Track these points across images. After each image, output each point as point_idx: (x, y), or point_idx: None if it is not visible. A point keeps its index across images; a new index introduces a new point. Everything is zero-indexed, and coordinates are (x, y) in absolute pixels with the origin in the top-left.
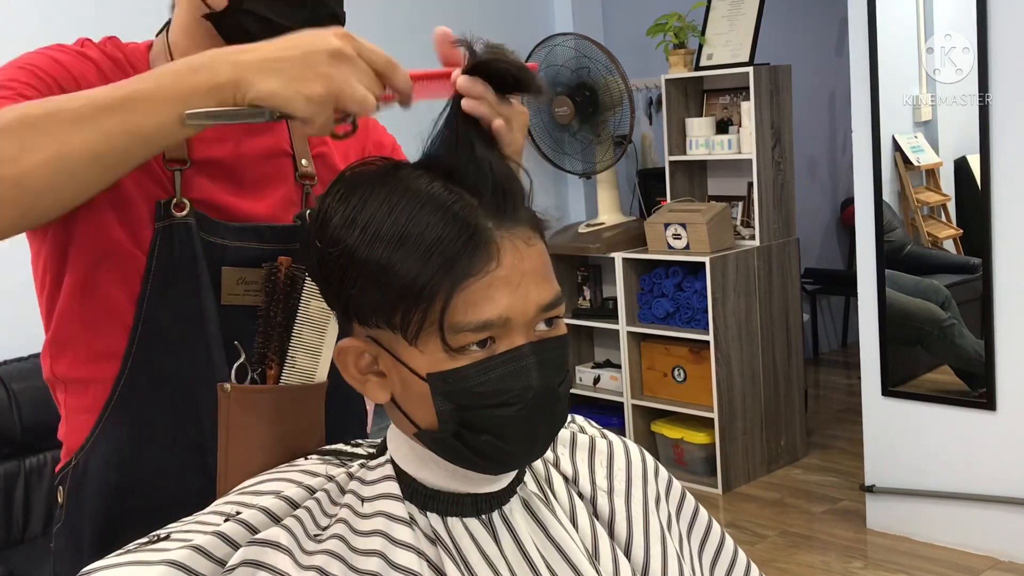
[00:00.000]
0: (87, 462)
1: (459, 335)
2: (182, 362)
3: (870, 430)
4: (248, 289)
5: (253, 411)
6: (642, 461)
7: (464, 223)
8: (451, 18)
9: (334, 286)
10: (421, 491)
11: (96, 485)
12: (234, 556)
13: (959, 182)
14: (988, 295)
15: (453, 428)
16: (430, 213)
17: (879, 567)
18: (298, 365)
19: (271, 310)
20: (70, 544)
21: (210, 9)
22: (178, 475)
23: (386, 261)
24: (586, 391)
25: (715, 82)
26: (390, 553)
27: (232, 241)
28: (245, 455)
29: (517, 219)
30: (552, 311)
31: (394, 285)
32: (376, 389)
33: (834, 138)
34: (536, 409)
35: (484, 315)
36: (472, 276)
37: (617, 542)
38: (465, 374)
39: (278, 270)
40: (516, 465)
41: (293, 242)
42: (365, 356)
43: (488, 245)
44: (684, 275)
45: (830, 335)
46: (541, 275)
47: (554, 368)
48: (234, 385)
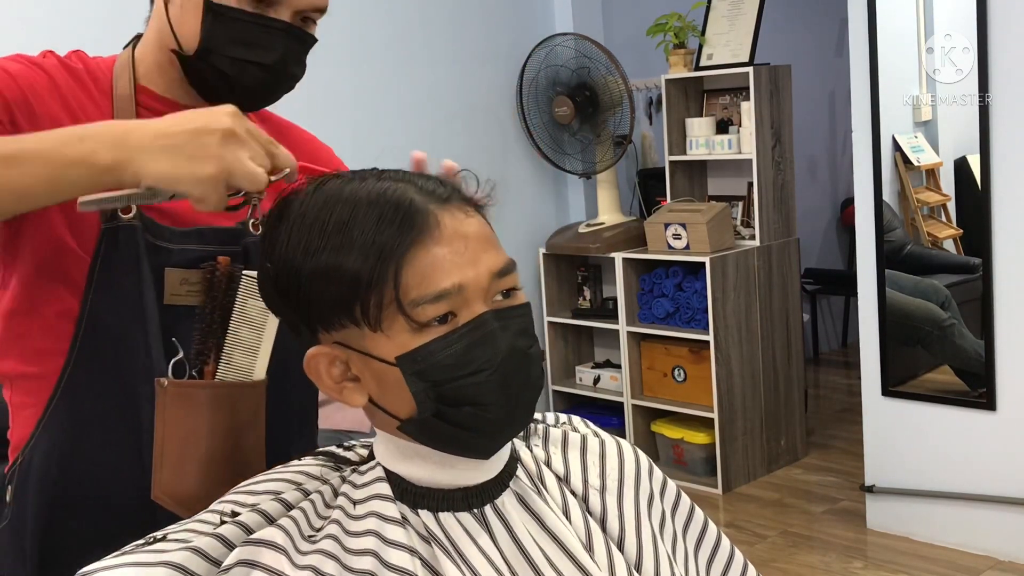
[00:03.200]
0: (32, 457)
1: (418, 309)
2: (123, 359)
3: (870, 430)
4: (191, 289)
5: (189, 406)
6: (635, 460)
7: (398, 203)
8: (451, 18)
9: (293, 300)
10: (411, 490)
11: (39, 479)
12: (230, 556)
13: (959, 182)
14: (988, 295)
15: (432, 407)
16: (366, 205)
17: (879, 567)
18: (234, 362)
19: (209, 309)
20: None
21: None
22: (117, 468)
23: (334, 260)
24: (586, 391)
25: (715, 82)
26: (383, 553)
27: (176, 244)
28: (180, 448)
29: (449, 196)
30: (506, 278)
31: (346, 279)
32: (352, 394)
33: (834, 138)
34: (509, 372)
35: (438, 285)
36: (415, 245)
37: (610, 538)
38: (432, 349)
39: (216, 270)
40: (501, 434)
41: (235, 244)
42: (336, 364)
43: (425, 215)
44: (684, 275)
45: (830, 335)
46: (487, 243)
47: (519, 332)
48: (171, 380)
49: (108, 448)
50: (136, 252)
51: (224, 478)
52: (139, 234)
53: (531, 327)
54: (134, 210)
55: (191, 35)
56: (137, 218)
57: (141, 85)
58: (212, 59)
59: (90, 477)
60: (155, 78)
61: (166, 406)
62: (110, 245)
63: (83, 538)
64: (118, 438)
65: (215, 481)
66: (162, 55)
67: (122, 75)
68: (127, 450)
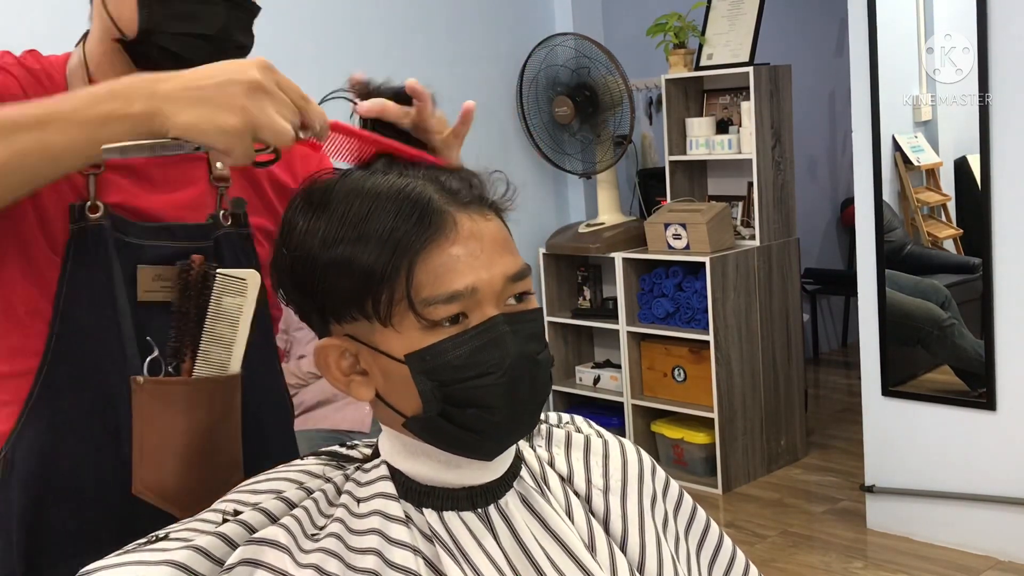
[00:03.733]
0: (13, 453)
1: (430, 308)
2: (98, 357)
3: (870, 430)
4: (164, 286)
5: (166, 402)
6: (638, 460)
7: (416, 201)
8: (451, 18)
9: (307, 289)
10: (416, 488)
11: (21, 475)
12: (232, 555)
13: (959, 182)
14: (988, 295)
15: (438, 406)
16: (385, 200)
17: (879, 567)
18: (211, 358)
19: (184, 306)
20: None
21: (122, 35)
22: (97, 464)
23: (349, 253)
24: (586, 391)
25: (715, 82)
26: (386, 552)
27: (146, 240)
28: (159, 444)
29: (470, 197)
30: (520, 283)
31: (359, 272)
32: (360, 388)
33: (834, 138)
34: (516, 377)
35: (452, 286)
36: (431, 244)
37: (613, 538)
38: (441, 348)
39: (191, 268)
40: (506, 438)
41: (206, 239)
42: (346, 356)
43: (442, 215)
44: (684, 275)
45: (830, 335)
46: (503, 247)
47: (529, 337)
48: (146, 378)
49: (87, 444)
50: (106, 251)
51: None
52: (107, 232)
53: (542, 332)
54: (101, 210)
55: (130, 19)
56: (105, 217)
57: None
58: (154, 39)
59: (71, 473)
60: (107, 71)
61: (143, 403)
62: (79, 245)
63: (68, 531)
64: (96, 434)
65: (194, 473)
66: (108, 46)
67: (75, 73)
68: (106, 446)
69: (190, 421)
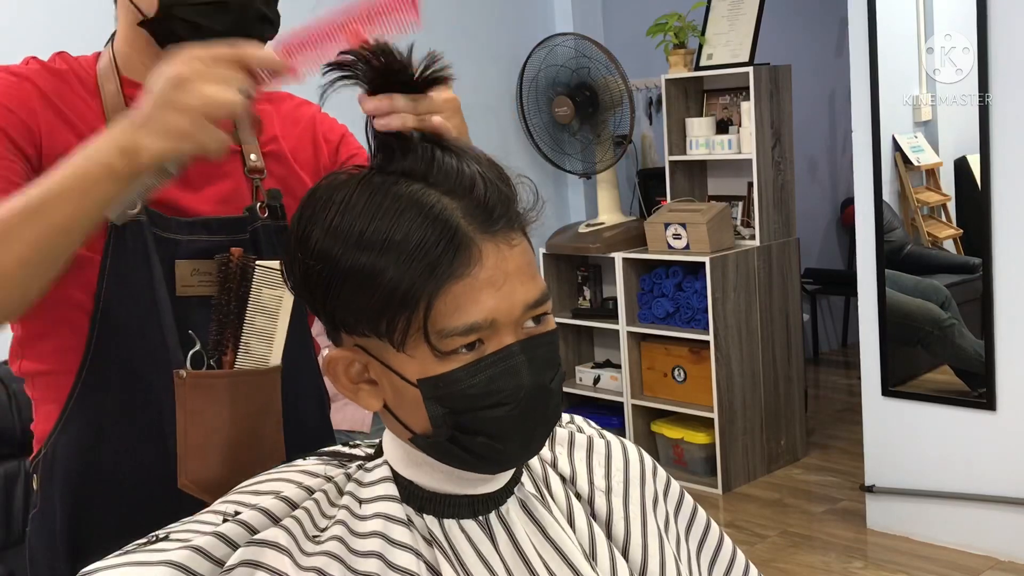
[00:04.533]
0: (55, 450)
1: (446, 339)
2: (139, 352)
3: (870, 430)
4: (202, 280)
5: (209, 395)
6: (640, 461)
7: (444, 226)
8: (451, 18)
9: (319, 297)
10: (417, 493)
11: (64, 470)
12: (233, 556)
13: (959, 182)
14: (988, 295)
15: (447, 432)
16: (410, 219)
17: (879, 567)
18: (252, 350)
19: (224, 299)
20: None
21: (143, 16)
22: (139, 459)
23: (368, 269)
24: (586, 391)
25: (715, 82)
26: (389, 554)
27: (183, 235)
28: (203, 438)
29: (497, 220)
30: (539, 308)
31: (377, 292)
32: (368, 397)
33: (834, 138)
34: (529, 407)
35: (470, 318)
36: (454, 279)
37: (615, 542)
38: (455, 377)
39: (230, 261)
40: (512, 464)
41: (242, 232)
42: (355, 364)
43: (469, 247)
44: (684, 275)
45: (830, 335)
46: (525, 274)
47: (545, 364)
48: (189, 372)
49: (129, 439)
50: (144, 246)
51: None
52: (145, 228)
53: (557, 355)
54: (139, 206)
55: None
56: (143, 213)
57: (126, 78)
58: (176, 11)
59: (113, 468)
60: (136, 66)
61: (186, 397)
62: (118, 242)
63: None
64: (139, 430)
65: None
66: (135, 35)
67: (106, 72)
68: (149, 441)
69: (233, 414)
